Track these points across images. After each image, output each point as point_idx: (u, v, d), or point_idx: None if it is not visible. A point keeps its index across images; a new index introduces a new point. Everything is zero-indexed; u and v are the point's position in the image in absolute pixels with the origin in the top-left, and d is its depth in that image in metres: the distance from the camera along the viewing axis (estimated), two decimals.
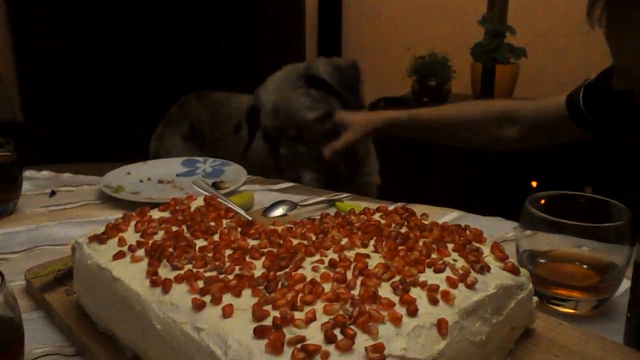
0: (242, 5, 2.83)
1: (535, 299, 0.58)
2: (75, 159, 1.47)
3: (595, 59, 2.65)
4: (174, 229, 0.61)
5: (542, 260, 0.72)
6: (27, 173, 1.21)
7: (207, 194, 0.87)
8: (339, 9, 3.12)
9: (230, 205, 0.85)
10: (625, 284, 0.67)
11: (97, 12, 2.59)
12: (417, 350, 0.43)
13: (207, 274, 0.51)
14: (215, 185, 1.07)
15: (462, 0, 2.79)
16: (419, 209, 0.99)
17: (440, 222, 0.94)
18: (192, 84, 2.11)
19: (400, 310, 0.45)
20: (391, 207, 0.65)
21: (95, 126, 2.63)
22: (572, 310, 0.68)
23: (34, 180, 1.17)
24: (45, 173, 1.21)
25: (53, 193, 1.10)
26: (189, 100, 1.92)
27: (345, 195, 1.07)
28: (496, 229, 0.90)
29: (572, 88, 1.15)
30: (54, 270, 0.71)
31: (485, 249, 0.56)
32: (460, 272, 0.51)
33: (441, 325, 0.45)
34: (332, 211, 0.88)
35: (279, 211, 0.93)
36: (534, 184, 2.30)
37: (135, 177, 1.15)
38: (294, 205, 0.95)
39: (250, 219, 0.67)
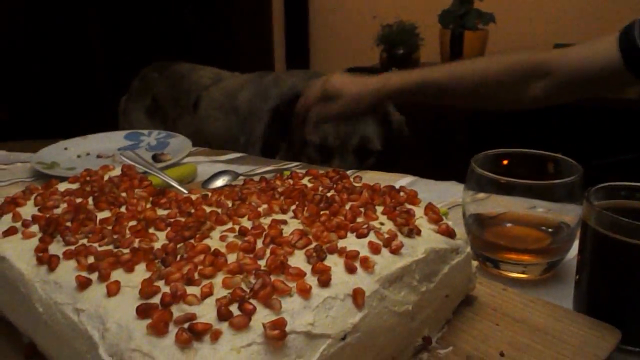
0: None
1: (475, 263, 0.53)
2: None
3: (563, 23, 2.61)
4: (79, 201, 0.55)
5: (491, 225, 0.67)
6: None
7: (137, 166, 0.80)
8: None
9: (163, 178, 0.79)
10: (577, 245, 0.63)
11: None
12: (326, 325, 0.37)
13: (103, 249, 0.45)
14: (156, 158, 1.00)
15: None
16: (370, 175, 0.95)
17: None
18: (155, 54, 2.02)
19: (312, 280, 0.40)
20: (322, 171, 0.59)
21: (58, 105, 2.52)
22: (521, 275, 0.63)
23: None
24: None
25: None
26: (150, 73, 1.84)
27: (295, 164, 1.01)
28: (449, 193, 0.85)
29: (541, 53, 1.00)
30: None
31: (419, 211, 0.51)
32: (386, 236, 0.45)
33: (357, 296, 0.39)
34: None
35: (219, 182, 0.87)
36: None
37: (73, 153, 1.08)
38: (236, 176, 0.89)
39: (186, 190, 0.61)
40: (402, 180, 0.92)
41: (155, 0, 2.62)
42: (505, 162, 0.69)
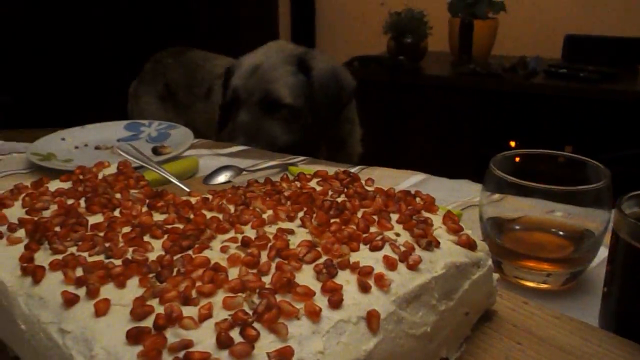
0: None
1: (497, 276, 0.49)
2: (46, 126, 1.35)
3: (575, 13, 2.55)
4: (70, 202, 0.51)
5: (509, 229, 0.63)
6: None
7: (135, 160, 0.76)
8: None
9: (163, 174, 0.76)
10: (602, 253, 0.59)
11: None
12: (337, 353, 0.34)
13: (93, 259, 0.41)
14: (155, 151, 0.96)
15: None
16: (379, 172, 0.91)
17: (402, 186, 0.86)
18: (166, 39, 1.98)
19: (322, 301, 0.36)
20: (332, 172, 0.55)
21: (67, 89, 2.47)
22: (541, 285, 0.60)
23: None
24: None
25: None
26: (164, 58, 1.81)
27: (300, 158, 0.97)
28: (462, 193, 0.81)
29: (552, 44, 0.94)
30: None
31: (437, 220, 0.47)
32: (402, 249, 0.41)
33: (371, 319, 0.36)
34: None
35: (221, 178, 0.83)
36: (513, 144, 2.22)
37: (71, 143, 1.04)
38: (239, 171, 0.85)
39: (187, 187, 0.57)
40: (413, 178, 0.87)
41: None
42: (525, 163, 0.65)
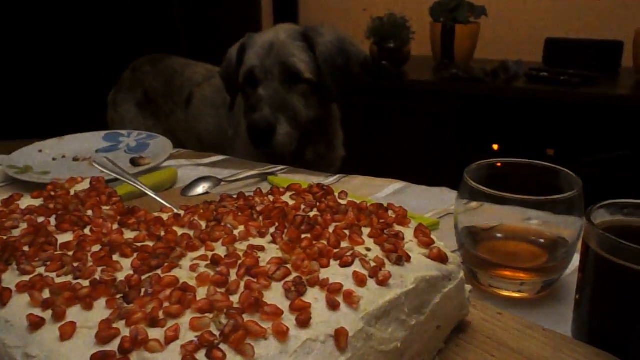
0: None
1: (469, 288, 0.49)
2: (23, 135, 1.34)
3: (555, 17, 2.57)
4: (41, 220, 0.50)
5: (485, 238, 0.63)
6: None
7: (111, 173, 0.76)
8: None
9: (139, 187, 0.75)
10: (576, 260, 0.59)
11: None
12: None
13: (61, 279, 0.41)
14: (134, 162, 0.95)
15: None
16: (358, 181, 0.91)
17: (381, 194, 0.86)
18: (144, 46, 1.99)
19: (290, 320, 0.36)
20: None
21: (45, 98, 2.45)
22: (516, 294, 0.60)
23: None
24: None
25: None
26: (142, 65, 1.81)
27: (280, 168, 0.97)
28: (440, 200, 0.82)
29: (533, 47, 0.95)
30: None
31: (408, 233, 0.47)
32: (372, 265, 0.41)
33: (339, 337, 0.36)
34: (266, 187, 0.78)
35: (199, 189, 0.82)
36: (496, 147, 2.24)
37: (48, 155, 1.03)
38: (217, 182, 0.84)
39: (164, 200, 0.56)
40: (392, 186, 0.88)
41: None
42: (499, 172, 0.65)
